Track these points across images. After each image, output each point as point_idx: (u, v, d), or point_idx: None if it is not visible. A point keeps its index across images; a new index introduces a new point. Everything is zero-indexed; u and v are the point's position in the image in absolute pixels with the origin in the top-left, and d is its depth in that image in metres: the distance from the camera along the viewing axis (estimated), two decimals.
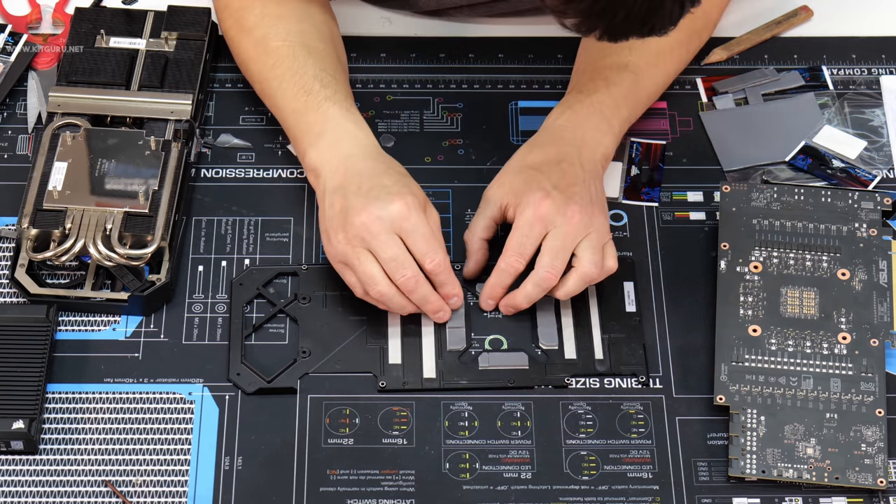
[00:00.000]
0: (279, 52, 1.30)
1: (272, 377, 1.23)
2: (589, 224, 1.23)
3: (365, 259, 1.20)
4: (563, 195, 1.23)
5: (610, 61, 1.32)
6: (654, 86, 1.35)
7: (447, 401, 1.23)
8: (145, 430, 1.21)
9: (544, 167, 1.25)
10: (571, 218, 1.22)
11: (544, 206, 1.22)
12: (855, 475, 1.18)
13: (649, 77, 1.33)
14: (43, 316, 1.23)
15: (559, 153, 1.26)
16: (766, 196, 1.31)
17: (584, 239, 1.23)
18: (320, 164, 1.25)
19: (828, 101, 1.41)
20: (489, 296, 1.26)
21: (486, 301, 1.26)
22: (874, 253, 1.28)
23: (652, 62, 1.33)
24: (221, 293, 1.28)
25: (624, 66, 1.31)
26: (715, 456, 1.21)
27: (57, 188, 1.28)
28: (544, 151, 1.26)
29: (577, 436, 1.22)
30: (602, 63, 1.32)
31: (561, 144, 1.27)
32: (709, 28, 1.41)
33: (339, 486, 1.19)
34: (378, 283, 1.21)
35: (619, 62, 1.32)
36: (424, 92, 1.41)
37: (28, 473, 1.19)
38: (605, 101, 1.30)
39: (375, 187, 1.21)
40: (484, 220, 1.26)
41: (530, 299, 1.24)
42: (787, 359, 1.23)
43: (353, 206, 1.20)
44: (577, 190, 1.23)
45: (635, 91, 1.32)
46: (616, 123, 1.30)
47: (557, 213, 1.22)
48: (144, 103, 1.35)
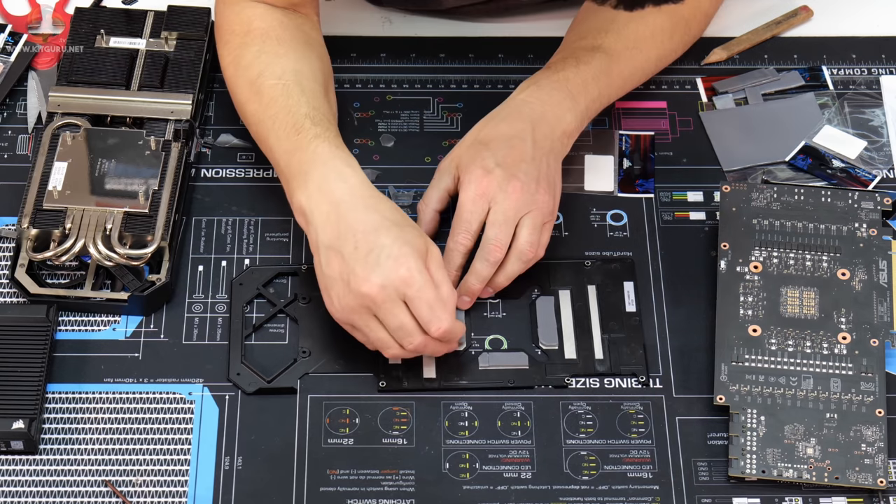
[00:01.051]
0: (273, 90, 1.27)
1: (272, 377, 1.23)
2: (530, 202, 1.23)
3: (374, 326, 1.19)
4: (506, 172, 1.23)
5: (584, 43, 1.32)
6: (631, 70, 1.34)
7: (447, 401, 1.23)
8: (145, 430, 1.21)
9: (493, 143, 1.25)
10: (511, 194, 1.23)
11: (484, 183, 1.23)
12: (855, 475, 1.18)
13: (625, 60, 1.33)
14: (43, 316, 1.23)
15: (511, 129, 1.26)
16: (766, 196, 1.31)
17: (526, 216, 1.23)
18: (309, 208, 1.21)
19: (828, 101, 1.41)
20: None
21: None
22: (874, 253, 1.28)
23: (630, 45, 1.33)
24: (221, 293, 1.28)
25: (597, 48, 1.32)
26: (715, 456, 1.21)
27: (57, 188, 1.28)
28: (498, 127, 1.27)
29: (577, 436, 1.22)
30: (576, 45, 1.33)
31: (517, 119, 1.27)
32: (698, 18, 1.40)
33: (339, 486, 1.19)
34: (391, 348, 1.20)
35: (594, 44, 1.32)
36: (424, 92, 1.41)
37: (28, 473, 1.19)
38: (571, 79, 1.29)
39: (375, 249, 1.18)
40: (437, 192, 1.28)
41: (482, 278, 1.24)
42: (787, 359, 1.23)
43: (355, 273, 1.17)
44: (522, 167, 1.24)
45: (608, 72, 1.31)
46: (582, 101, 1.29)
47: (498, 190, 1.23)
48: (144, 103, 1.35)
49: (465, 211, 1.24)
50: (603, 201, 1.34)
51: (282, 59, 1.29)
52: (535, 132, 1.26)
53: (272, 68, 1.28)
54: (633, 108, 1.39)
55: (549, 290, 1.28)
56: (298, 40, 1.31)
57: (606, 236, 1.32)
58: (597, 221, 1.33)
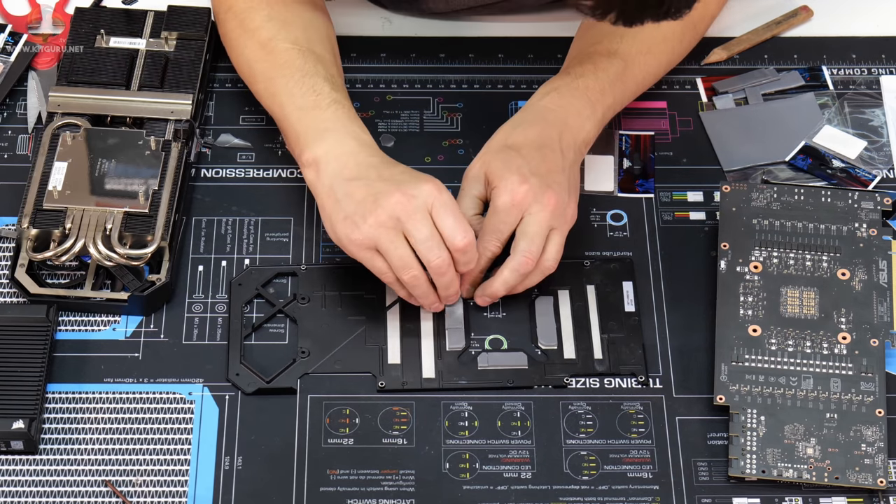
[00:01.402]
0: (288, 53, 1.29)
1: (271, 377, 1.23)
2: (561, 215, 1.23)
3: (400, 242, 1.19)
4: (542, 182, 1.23)
5: (601, 48, 1.32)
6: (644, 75, 1.35)
7: (447, 401, 1.23)
8: (145, 430, 1.21)
9: (524, 150, 1.25)
10: (547, 206, 1.22)
11: (521, 191, 1.22)
12: (855, 475, 1.18)
13: (639, 66, 1.33)
14: (43, 316, 1.23)
15: (541, 136, 1.26)
16: (766, 196, 1.31)
17: (555, 231, 1.23)
18: (326, 158, 1.23)
19: (828, 101, 1.41)
20: (468, 281, 1.26)
21: (466, 287, 1.26)
22: (874, 253, 1.28)
23: (643, 51, 1.33)
24: (221, 293, 1.28)
25: (614, 53, 1.31)
26: (715, 456, 1.21)
27: (57, 188, 1.28)
28: (526, 132, 1.26)
29: (577, 436, 1.22)
30: (593, 49, 1.32)
31: (544, 126, 1.27)
32: (706, 20, 1.40)
33: (339, 486, 1.19)
34: (412, 268, 1.20)
35: (610, 49, 1.32)
36: (424, 92, 1.41)
37: (28, 473, 1.19)
38: (591, 86, 1.29)
39: (396, 174, 1.21)
40: (470, 200, 1.26)
41: (508, 286, 1.24)
42: (787, 359, 1.23)
43: (383, 190, 1.20)
44: (556, 178, 1.23)
45: (623, 79, 1.32)
46: (600, 109, 1.30)
47: (534, 200, 1.22)
48: (144, 103, 1.35)
49: (499, 218, 1.23)
50: (603, 201, 1.34)
51: (292, 26, 1.31)
52: (562, 141, 1.26)
53: (284, 34, 1.30)
54: (633, 108, 1.39)
55: (549, 290, 1.28)
56: (305, 4, 1.33)
57: (606, 236, 1.32)
58: (597, 221, 1.33)
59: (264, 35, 1.31)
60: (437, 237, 1.19)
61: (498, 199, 1.23)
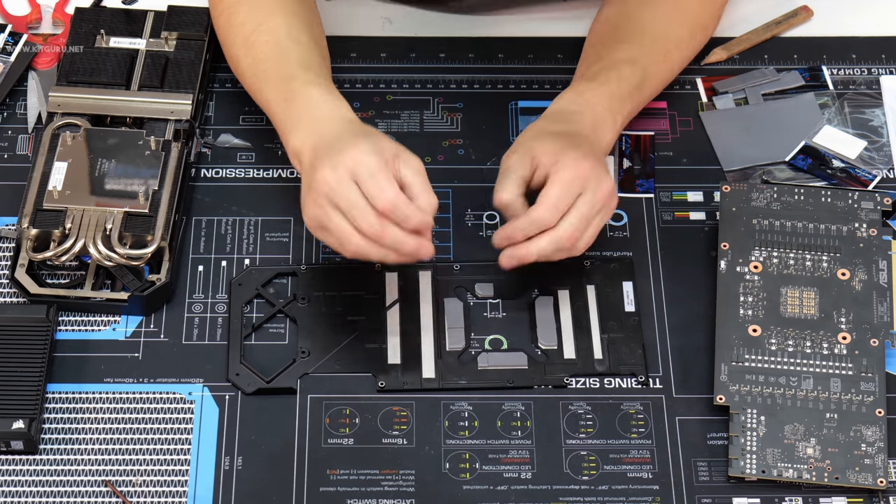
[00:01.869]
0: (266, 46, 1.29)
1: (271, 377, 1.23)
2: (610, 201, 1.22)
3: (335, 216, 1.17)
4: (599, 163, 1.22)
5: (622, 55, 1.31)
6: (659, 82, 1.35)
7: (447, 401, 1.23)
8: (145, 430, 1.21)
9: (567, 137, 1.23)
10: (604, 187, 1.21)
11: (584, 167, 1.20)
12: (855, 475, 1.18)
13: (656, 75, 1.33)
14: (43, 316, 1.23)
15: (577, 130, 1.25)
16: (766, 196, 1.31)
17: (599, 216, 1.21)
18: (301, 148, 1.22)
19: (828, 101, 1.41)
20: (507, 236, 1.21)
21: (501, 239, 1.22)
22: (874, 253, 1.28)
23: (661, 59, 1.33)
24: (221, 293, 1.28)
25: (634, 62, 1.31)
26: (715, 456, 1.21)
27: (57, 188, 1.28)
28: (563, 126, 1.25)
29: (577, 436, 1.22)
30: (615, 56, 1.32)
31: (575, 125, 1.26)
32: (714, 22, 1.40)
33: (339, 486, 1.19)
34: (352, 237, 1.17)
35: (630, 56, 1.31)
36: (424, 92, 1.41)
37: (28, 473, 1.19)
38: (614, 94, 1.29)
39: (339, 145, 1.18)
40: (516, 179, 1.22)
41: (542, 255, 1.21)
42: (787, 359, 1.23)
43: (318, 167, 1.18)
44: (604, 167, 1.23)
45: (641, 88, 1.32)
46: (619, 119, 1.30)
47: (594, 177, 1.20)
48: (144, 103, 1.35)
49: (560, 189, 1.19)
50: None
51: (274, 15, 1.30)
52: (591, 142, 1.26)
53: (265, 25, 1.30)
54: None
55: (549, 289, 1.28)
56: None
57: (606, 236, 1.32)
58: None
59: (247, 30, 1.31)
60: (361, 204, 1.16)
61: (561, 171, 1.20)
